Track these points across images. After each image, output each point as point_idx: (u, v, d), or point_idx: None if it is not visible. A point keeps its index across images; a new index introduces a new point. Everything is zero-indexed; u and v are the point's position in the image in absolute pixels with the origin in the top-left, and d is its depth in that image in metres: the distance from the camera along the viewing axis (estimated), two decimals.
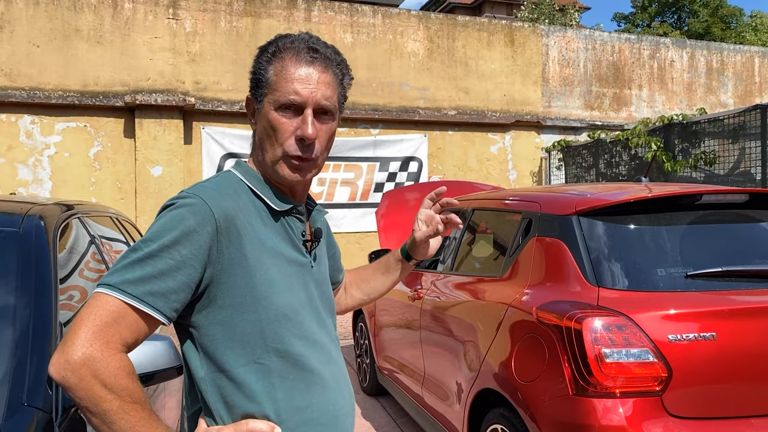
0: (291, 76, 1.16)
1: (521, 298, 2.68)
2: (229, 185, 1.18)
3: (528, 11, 19.67)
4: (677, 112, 7.61)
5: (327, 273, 1.38)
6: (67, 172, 6.24)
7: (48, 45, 6.21)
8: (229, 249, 1.11)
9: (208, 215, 1.09)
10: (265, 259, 1.15)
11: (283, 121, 1.17)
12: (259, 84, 1.20)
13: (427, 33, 7.51)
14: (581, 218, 2.62)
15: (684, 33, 27.17)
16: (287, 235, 1.22)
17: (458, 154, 7.62)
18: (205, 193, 1.12)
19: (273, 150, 1.18)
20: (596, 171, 7.02)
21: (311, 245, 1.29)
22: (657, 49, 8.66)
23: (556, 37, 8.18)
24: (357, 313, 5.38)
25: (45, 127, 6.22)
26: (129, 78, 6.41)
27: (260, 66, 1.20)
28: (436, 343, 3.46)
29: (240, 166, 1.25)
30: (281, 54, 1.19)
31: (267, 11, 6.91)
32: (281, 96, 1.16)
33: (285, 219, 1.23)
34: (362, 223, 7.05)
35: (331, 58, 1.22)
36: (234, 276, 1.11)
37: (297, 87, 1.16)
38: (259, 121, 1.21)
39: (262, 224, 1.18)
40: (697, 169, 5.69)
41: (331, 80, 1.21)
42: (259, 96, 1.20)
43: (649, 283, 2.41)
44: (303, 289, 1.22)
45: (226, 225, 1.11)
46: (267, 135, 1.19)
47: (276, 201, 1.21)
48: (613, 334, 2.24)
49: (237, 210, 1.14)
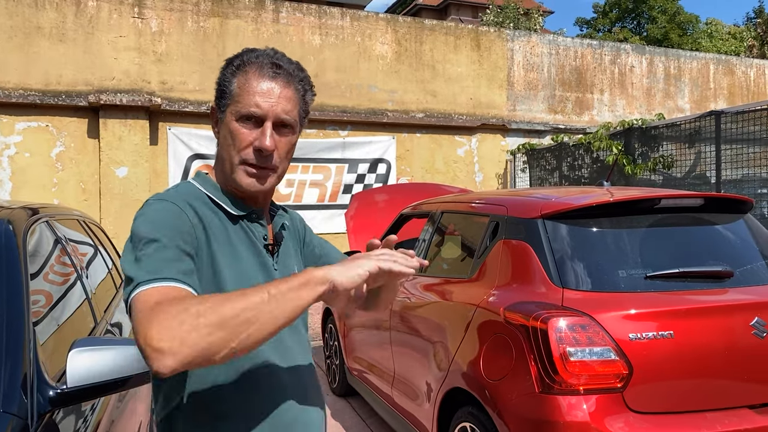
0: (253, 89, 1.21)
1: (489, 299, 2.76)
2: (190, 193, 1.24)
3: (493, 15, 19.94)
4: (637, 117, 7.85)
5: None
6: (28, 173, 6.10)
7: (8, 42, 6.06)
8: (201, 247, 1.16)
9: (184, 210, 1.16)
10: (230, 261, 1.21)
11: (243, 131, 1.22)
12: (222, 95, 1.25)
13: (395, 36, 7.57)
14: (546, 221, 2.71)
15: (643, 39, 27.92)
16: (248, 240, 1.27)
17: (426, 156, 7.70)
18: (172, 197, 1.18)
19: (231, 158, 1.23)
20: (559, 174, 7.19)
21: (273, 248, 1.32)
22: (618, 55, 8.90)
23: (521, 42, 8.34)
24: (326, 314, 5.40)
25: (5, 126, 6.07)
26: (93, 77, 6.29)
27: (225, 78, 1.26)
28: (406, 344, 3.51)
29: (198, 176, 1.31)
30: (245, 68, 1.24)
31: (234, 12, 6.87)
32: (242, 107, 1.21)
33: (245, 224, 1.28)
34: (331, 225, 7.07)
35: (294, 74, 1.27)
36: (203, 273, 1.16)
37: (258, 100, 1.20)
38: (221, 130, 1.27)
39: (222, 228, 1.23)
40: (655, 173, 5.88)
41: (292, 95, 1.26)
42: (222, 106, 1.25)
43: (611, 284, 2.51)
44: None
45: (196, 221, 1.17)
46: (227, 143, 1.24)
47: (233, 207, 1.27)
48: (577, 334, 2.33)
49: (200, 215, 1.20)
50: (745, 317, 2.40)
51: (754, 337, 2.38)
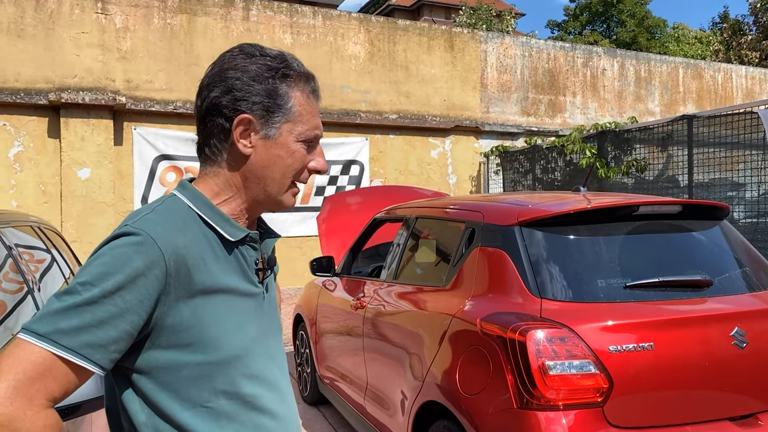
0: (313, 109, 1.14)
1: (465, 308, 2.67)
2: (177, 215, 1.08)
3: (466, 16, 19.99)
4: (609, 120, 7.89)
5: (275, 297, 1.32)
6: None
7: None
8: (177, 290, 1.02)
9: (157, 257, 0.99)
10: (216, 298, 1.07)
11: (303, 152, 1.13)
12: (274, 108, 1.10)
13: (368, 36, 7.47)
14: (523, 229, 2.64)
15: (612, 42, 28.32)
16: (240, 267, 1.14)
17: (399, 158, 7.62)
18: (153, 229, 1.02)
19: (283, 179, 1.13)
20: (533, 176, 7.17)
21: (263, 274, 1.21)
22: (590, 58, 8.94)
23: (494, 44, 8.31)
24: (297, 320, 5.27)
25: None
26: (54, 75, 6.05)
27: (277, 88, 1.11)
28: (380, 354, 3.41)
29: (186, 189, 1.14)
30: (296, 82, 1.12)
31: (203, 9, 6.68)
32: (309, 130, 1.13)
33: (238, 249, 1.14)
34: (303, 228, 6.94)
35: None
36: (182, 317, 1.03)
37: (317, 122, 1.14)
38: (267, 147, 1.12)
39: (214, 258, 1.09)
40: (629, 176, 5.89)
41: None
42: (273, 122, 1.11)
43: (590, 294, 2.45)
44: (255, 324, 1.15)
45: (176, 266, 1.02)
46: (281, 163, 1.12)
47: (229, 230, 1.12)
48: (556, 346, 2.26)
49: (188, 246, 1.05)
50: (725, 328, 2.36)
51: (734, 347, 2.34)
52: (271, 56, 1.14)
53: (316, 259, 4.42)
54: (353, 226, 4.94)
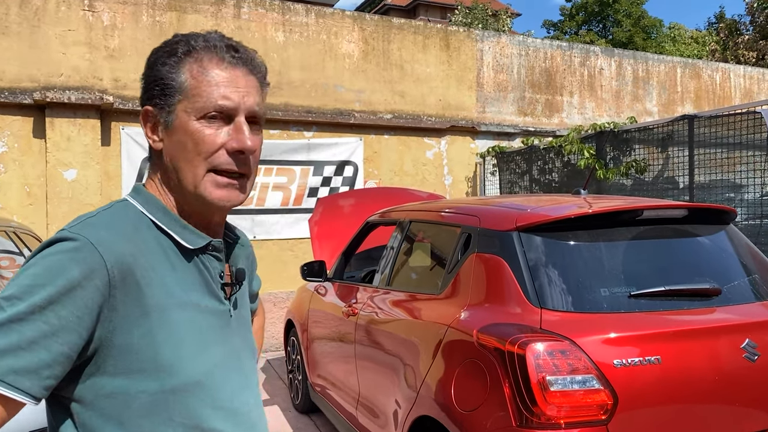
0: (215, 78, 0.97)
1: (461, 318, 2.54)
2: (126, 220, 0.95)
3: (462, 15, 19.88)
4: (606, 119, 7.76)
5: (248, 314, 1.18)
6: None
7: None
8: (125, 305, 0.88)
9: (97, 264, 0.85)
10: (173, 314, 0.93)
11: (209, 132, 0.96)
12: (166, 91, 0.98)
13: (362, 34, 7.33)
14: (522, 234, 2.51)
15: (609, 42, 28.25)
16: (202, 279, 1.00)
17: (394, 159, 7.48)
18: (94, 234, 0.88)
19: (195, 169, 0.96)
20: (530, 177, 7.04)
21: (231, 289, 1.07)
22: (587, 57, 8.83)
23: (490, 43, 8.19)
24: (289, 325, 5.13)
25: None
26: (39, 73, 5.89)
27: (167, 69, 0.98)
28: (372, 363, 3.28)
29: (139, 193, 1.01)
30: (196, 54, 0.98)
31: (193, 6, 6.54)
32: (207, 102, 0.96)
33: (199, 258, 1.00)
34: (296, 230, 6.79)
35: (254, 60, 1.04)
36: (131, 337, 0.88)
37: (226, 91, 0.96)
38: (169, 135, 0.99)
39: (170, 268, 0.95)
40: (628, 177, 5.77)
41: (256, 84, 1.03)
42: (167, 105, 0.98)
43: (593, 303, 2.32)
44: (221, 345, 1.00)
45: (121, 275, 0.87)
46: (185, 150, 0.97)
47: (188, 237, 0.99)
48: (557, 360, 2.13)
49: (136, 254, 0.91)
50: (735, 339, 2.23)
51: (745, 360, 2.21)
52: (174, 39, 1.01)
53: (307, 264, 4.28)
54: (346, 229, 4.80)
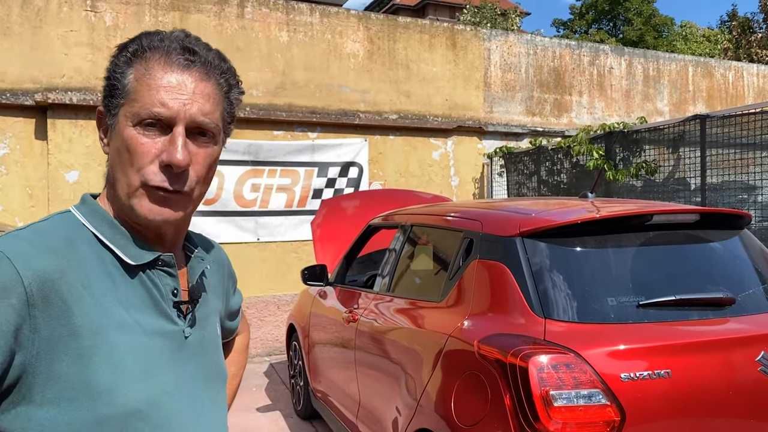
0: (157, 82, 0.87)
1: (462, 328, 2.44)
2: (59, 233, 0.86)
3: (470, 15, 19.74)
4: (616, 120, 7.62)
5: (216, 335, 1.07)
6: None
7: None
8: (50, 326, 0.79)
9: (11, 281, 0.77)
10: (110, 336, 0.83)
11: (143, 141, 0.87)
12: (113, 92, 0.90)
13: (367, 34, 7.24)
14: (525, 240, 2.40)
15: (619, 41, 28.00)
16: (149, 297, 0.91)
17: (400, 160, 7.38)
18: (13, 247, 0.80)
19: (127, 179, 0.88)
20: (538, 178, 6.92)
21: (187, 308, 0.98)
22: (596, 56, 8.69)
23: (498, 42, 8.07)
24: (291, 329, 5.05)
25: None
26: (41, 74, 5.85)
27: (116, 68, 0.90)
28: (372, 371, 3.18)
29: (85, 204, 0.93)
30: (146, 54, 0.89)
31: (196, 6, 6.47)
32: (142, 108, 0.87)
33: (146, 274, 0.91)
34: (300, 232, 6.70)
35: (214, 64, 0.93)
36: (59, 362, 0.79)
37: (164, 97, 0.87)
38: (112, 140, 0.91)
39: (110, 285, 0.86)
40: (638, 178, 5.64)
41: (213, 92, 0.92)
42: (113, 107, 0.90)
43: (599, 313, 2.21)
44: (171, 370, 0.91)
45: (42, 293, 0.79)
46: (120, 159, 0.88)
47: (132, 251, 0.90)
48: (562, 374, 2.02)
49: (65, 269, 0.82)
50: (750, 351, 2.11)
51: (760, 374, 2.10)
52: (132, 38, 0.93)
53: (308, 268, 4.20)
54: (349, 232, 4.71)
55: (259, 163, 6.54)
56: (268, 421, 4.64)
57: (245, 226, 6.52)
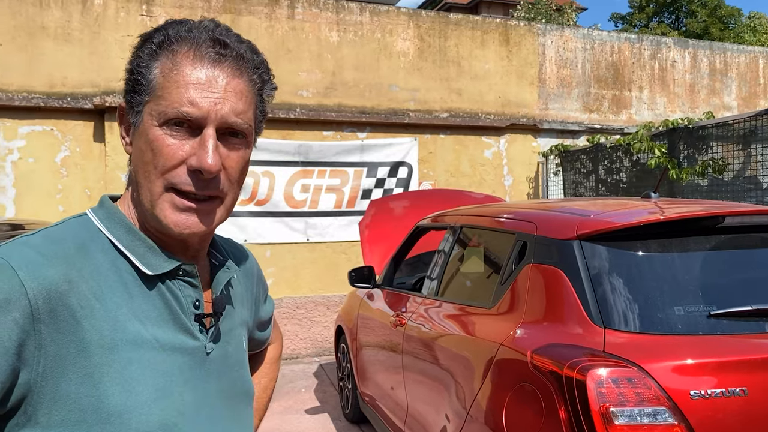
0: (185, 78, 0.80)
1: (514, 336, 2.30)
2: (72, 239, 0.79)
3: (524, 11, 19.33)
4: (680, 115, 7.25)
5: (241, 350, 0.99)
6: (32, 179, 5.84)
7: (11, 43, 5.81)
8: (57, 342, 0.72)
9: (15, 292, 0.70)
10: (123, 352, 0.76)
11: (170, 142, 0.79)
12: (136, 87, 0.82)
13: (417, 31, 7.13)
14: (584, 243, 2.25)
15: (682, 33, 26.88)
16: (167, 309, 0.83)
17: (450, 159, 7.24)
18: (19, 255, 0.73)
19: (150, 184, 0.80)
20: (596, 177, 6.65)
21: (210, 321, 0.90)
22: (658, 50, 8.30)
23: (553, 37, 7.81)
24: (339, 332, 5.00)
25: (8, 130, 5.82)
26: (99, 78, 6.01)
27: (140, 61, 0.83)
28: (420, 378, 3.08)
29: (102, 207, 0.86)
30: (173, 46, 0.82)
31: (248, 8, 6.52)
32: (169, 106, 0.79)
33: (166, 285, 0.84)
34: (349, 232, 6.66)
35: (247, 57, 0.85)
36: (66, 382, 0.73)
37: (193, 95, 0.79)
38: (135, 140, 0.83)
39: (125, 297, 0.79)
40: (704, 177, 5.32)
41: (245, 89, 0.84)
42: (136, 104, 0.83)
43: (665, 324, 2.04)
44: (190, 389, 0.83)
45: (48, 306, 0.72)
46: (144, 161, 0.81)
47: (150, 260, 0.82)
48: (624, 389, 1.86)
49: (76, 279, 0.75)
50: None
51: None
52: (156, 27, 0.85)
53: (355, 269, 4.13)
54: (397, 233, 4.62)
55: (308, 164, 6.53)
56: (316, 424, 4.60)
57: (295, 227, 6.53)
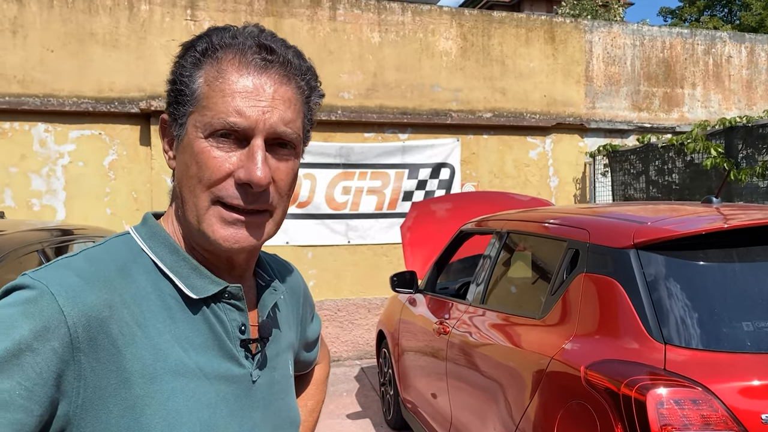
0: (232, 87, 0.75)
1: (566, 350, 2.19)
2: (113, 261, 0.75)
3: (569, 7, 18.90)
4: (736, 113, 6.93)
5: (287, 376, 0.93)
6: (81, 182, 5.98)
7: (62, 50, 5.96)
8: (97, 372, 0.68)
9: (54, 320, 0.66)
10: (166, 383, 0.72)
11: (216, 154, 0.75)
12: (180, 98, 0.77)
13: (460, 30, 7.02)
14: (641, 252, 2.12)
15: (735, 27, 25.86)
16: (211, 335, 0.78)
17: (494, 160, 7.10)
18: (59, 280, 0.69)
19: (197, 198, 0.76)
20: (646, 178, 6.41)
21: (256, 347, 0.84)
22: (712, 44, 7.96)
23: (600, 33, 7.58)
24: (380, 336, 4.94)
25: (59, 135, 5.98)
26: (145, 83, 6.11)
27: (183, 71, 0.77)
28: (465, 388, 2.99)
29: (145, 224, 0.82)
30: (217, 53, 0.76)
31: (290, 10, 6.53)
32: (215, 117, 0.74)
33: (210, 308, 0.79)
34: (390, 235, 6.60)
35: (294, 64, 0.79)
36: (107, 414, 0.68)
37: (240, 104, 0.74)
38: (179, 153, 0.79)
39: (168, 321, 0.74)
40: (764, 178, 5.05)
41: (293, 96, 0.78)
42: (179, 115, 0.78)
43: (732, 340, 1.90)
44: (236, 420, 0.78)
45: (88, 335, 0.67)
46: (189, 174, 0.76)
47: (195, 282, 0.78)
48: (687, 411, 1.74)
49: (117, 304, 0.70)
50: None
51: None
52: (199, 34, 0.79)
53: (397, 274, 4.06)
54: (440, 237, 4.53)
55: (349, 166, 6.50)
56: (358, 429, 4.56)
57: (336, 229, 6.50)
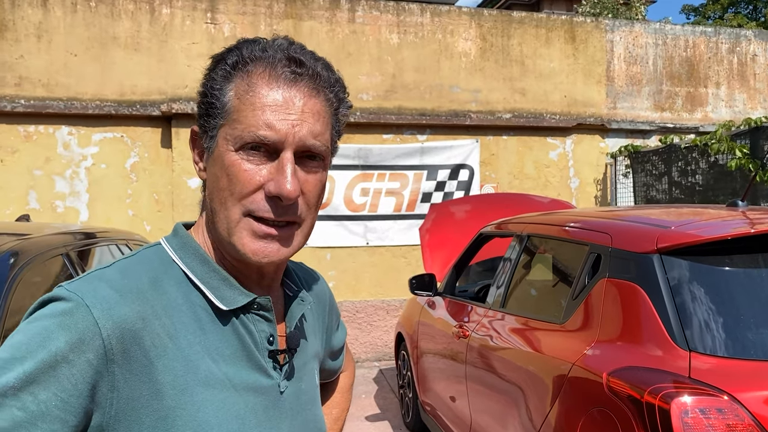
0: (261, 100, 0.76)
1: (588, 355, 2.17)
2: (146, 272, 0.76)
3: (589, 6, 18.72)
4: (762, 113, 6.80)
5: (314, 386, 0.94)
6: (104, 184, 6.06)
7: (85, 54, 6.05)
8: (130, 384, 0.69)
9: (89, 332, 0.67)
10: (197, 394, 0.73)
11: (247, 167, 0.76)
12: (210, 111, 0.79)
13: (479, 31, 6.98)
14: (665, 257, 2.09)
15: (760, 25, 25.38)
16: (240, 346, 0.79)
17: (514, 161, 7.05)
18: (93, 292, 0.70)
19: (227, 211, 0.77)
20: (669, 180, 6.31)
21: (283, 357, 0.85)
22: (737, 43, 7.82)
23: (621, 32, 7.49)
24: (399, 338, 4.93)
25: (82, 138, 6.06)
26: (166, 86, 6.18)
27: (214, 84, 0.79)
28: (485, 392, 2.97)
29: (176, 235, 0.83)
30: (247, 67, 0.77)
31: (309, 13, 6.55)
32: (246, 130, 0.75)
33: (240, 319, 0.80)
34: (409, 236, 6.59)
35: (323, 76, 0.80)
36: (139, 425, 0.70)
37: (270, 118, 0.75)
38: (210, 166, 0.80)
39: (199, 332, 0.76)
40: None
41: (322, 109, 0.79)
42: (210, 128, 0.79)
43: (759, 348, 1.86)
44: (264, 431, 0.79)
45: (122, 346, 0.69)
46: (219, 188, 0.77)
47: (225, 293, 0.79)
48: (713, 420, 1.71)
49: (149, 316, 0.72)
50: None
51: None
52: (230, 47, 0.80)
53: (416, 277, 4.05)
54: (459, 239, 4.51)
55: (368, 167, 6.50)
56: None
57: (355, 230, 6.51)
